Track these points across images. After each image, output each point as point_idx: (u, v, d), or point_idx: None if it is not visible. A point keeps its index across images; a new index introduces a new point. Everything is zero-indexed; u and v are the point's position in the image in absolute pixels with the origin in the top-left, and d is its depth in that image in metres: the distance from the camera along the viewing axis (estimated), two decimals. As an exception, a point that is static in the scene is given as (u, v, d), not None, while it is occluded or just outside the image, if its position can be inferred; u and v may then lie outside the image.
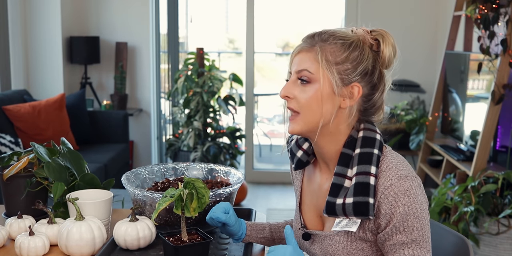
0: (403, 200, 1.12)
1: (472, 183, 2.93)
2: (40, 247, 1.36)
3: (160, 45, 4.94)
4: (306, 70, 1.17)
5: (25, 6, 4.43)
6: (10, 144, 3.36)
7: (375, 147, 1.19)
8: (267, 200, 4.58)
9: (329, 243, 1.23)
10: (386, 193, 1.13)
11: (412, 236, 1.14)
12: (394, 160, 1.18)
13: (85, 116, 4.35)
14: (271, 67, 8.55)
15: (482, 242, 2.88)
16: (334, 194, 1.18)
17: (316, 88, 1.17)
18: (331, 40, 1.18)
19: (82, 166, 1.59)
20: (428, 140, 4.11)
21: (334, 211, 1.17)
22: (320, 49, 1.17)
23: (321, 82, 1.17)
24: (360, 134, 1.21)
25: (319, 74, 1.17)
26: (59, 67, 4.51)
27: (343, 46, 1.17)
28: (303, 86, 1.18)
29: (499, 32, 3.07)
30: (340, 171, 1.19)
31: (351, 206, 1.14)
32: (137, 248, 1.38)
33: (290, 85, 1.20)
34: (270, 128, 7.49)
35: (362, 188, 1.14)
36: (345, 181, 1.18)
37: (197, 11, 7.23)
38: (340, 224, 1.20)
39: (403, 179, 1.14)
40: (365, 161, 1.16)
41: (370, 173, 1.15)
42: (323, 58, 1.16)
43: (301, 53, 1.20)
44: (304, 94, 1.18)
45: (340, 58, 1.17)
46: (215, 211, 1.35)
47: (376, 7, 4.66)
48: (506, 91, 3.02)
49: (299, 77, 1.19)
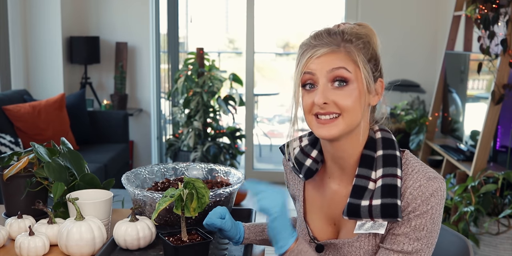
0: (430, 200, 1.12)
1: (472, 183, 2.93)
2: (40, 247, 1.36)
3: (160, 45, 4.94)
4: (343, 67, 1.13)
5: (25, 6, 4.43)
6: (10, 144, 3.36)
7: (396, 149, 1.19)
8: (267, 200, 4.57)
9: (349, 250, 1.20)
10: (415, 193, 1.13)
11: (419, 234, 1.13)
12: (418, 163, 1.18)
13: (85, 116, 4.35)
14: (271, 67, 8.55)
15: (482, 242, 2.88)
16: (358, 196, 1.16)
17: (355, 88, 1.14)
18: (354, 40, 1.15)
19: (82, 166, 1.59)
20: (428, 140, 4.11)
21: (357, 213, 1.15)
22: (351, 49, 1.14)
23: (362, 81, 1.14)
24: (378, 135, 1.21)
25: (356, 74, 1.14)
26: (59, 67, 4.51)
27: (365, 45, 1.16)
28: (339, 88, 1.14)
29: (499, 32, 3.07)
30: (363, 173, 1.17)
31: (379, 208, 1.12)
32: (137, 248, 1.38)
33: (325, 90, 1.13)
34: (270, 128, 7.49)
35: (390, 190, 1.13)
36: (369, 183, 1.16)
37: (197, 11, 7.23)
38: (364, 227, 1.17)
39: (432, 180, 1.14)
40: (391, 164, 1.16)
41: (397, 175, 1.14)
42: (360, 58, 1.14)
43: (326, 55, 1.14)
44: (344, 96, 1.14)
45: (367, 57, 1.16)
46: (211, 217, 1.33)
47: (376, 7, 4.66)
48: (506, 91, 3.02)
49: (334, 79, 1.14)
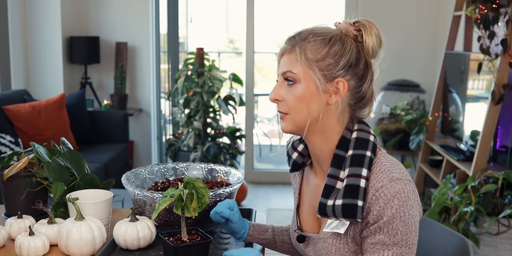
0: (392, 202, 1.12)
1: (472, 183, 2.93)
2: (40, 247, 1.36)
3: (160, 45, 4.94)
4: (289, 71, 1.19)
5: (25, 6, 4.43)
6: (10, 144, 3.36)
7: (368, 149, 1.18)
8: (267, 200, 4.58)
9: (323, 245, 1.23)
10: (377, 194, 1.13)
11: (394, 239, 1.12)
12: (387, 163, 1.17)
13: (85, 116, 4.35)
14: (271, 67, 8.55)
15: (482, 242, 2.88)
16: (326, 195, 1.18)
17: (301, 88, 1.18)
18: (310, 37, 1.18)
19: (82, 166, 1.59)
20: (428, 140, 4.11)
21: (325, 212, 1.17)
22: (299, 49, 1.18)
23: (304, 81, 1.18)
24: (354, 135, 1.20)
25: (305, 73, 1.17)
26: (59, 67, 4.51)
27: (323, 42, 1.17)
28: (289, 87, 1.20)
29: (499, 32, 3.07)
30: (332, 172, 1.19)
31: (340, 208, 1.14)
32: (137, 248, 1.38)
33: (278, 88, 1.22)
34: (270, 128, 7.48)
35: (352, 190, 1.14)
36: (337, 182, 1.18)
37: (197, 11, 7.23)
38: (330, 225, 1.20)
39: (394, 181, 1.13)
40: (357, 163, 1.16)
41: (361, 176, 1.14)
42: (302, 57, 1.17)
43: (284, 55, 1.21)
44: (291, 95, 1.19)
45: (320, 54, 1.17)
46: (220, 206, 1.35)
47: (376, 7, 4.66)
48: (506, 91, 3.02)
49: (285, 78, 1.21)
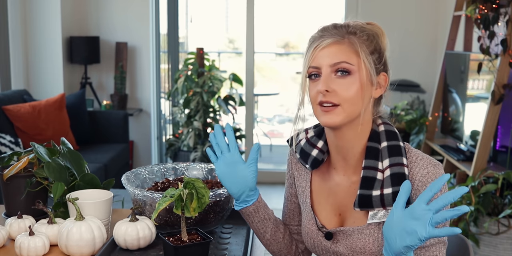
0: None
1: (472, 183, 2.93)
2: (40, 247, 1.36)
3: (160, 45, 4.94)
4: (345, 62, 1.17)
5: (25, 6, 4.43)
6: (10, 144, 3.36)
7: (399, 140, 1.23)
8: (267, 200, 4.56)
9: (358, 237, 1.22)
10: (424, 180, 1.18)
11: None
12: (419, 152, 1.23)
13: (85, 116, 4.35)
14: (271, 67, 8.55)
15: (482, 242, 2.88)
16: (368, 187, 1.19)
17: (357, 79, 1.18)
18: (358, 32, 1.20)
19: (82, 166, 1.59)
20: (428, 140, 4.11)
21: (369, 203, 1.19)
22: (358, 40, 1.19)
23: (363, 72, 1.18)
24: (381, 128, 1.25)
25: (358, 65, 1.18)
26: (59, 67, 4.51)
27: (369, 37, 1.21)
28: (341, 78, 1.18)
29: (499, 32, 3.07)
30: (370, 164, 1.21)
31: (390, 196, 1.17)
32: (137, 248, 1.38)
33: (327, 79, 1.18)
34: (270, 128, 7.49)
35: (399, 178, 1.17)
36: (377, 173, 1.20)
37: (197, 11, 7.23)
38: (377, 216, 1.20)
39: (437, 166, 1.19)
40: (396, 153, 1.20)
41: (404, 164, 1.19)
42: (362, 49, 1.18)
43: (331, 46, 1.18)
44: (345, 86, 1.17)
45: (370, 49, 1.20)
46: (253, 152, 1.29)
47: (376, 7, 4.66)
48: (506, 91, 3.02)
49: (337, 70, 1.18)
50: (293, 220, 1.42)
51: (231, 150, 1.30)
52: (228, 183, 1.29)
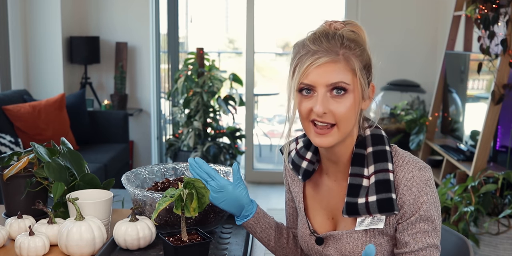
0: (426, 190, 1.16)
1: (472, 183, 2.93)
2: (40, 247, 1.36)
3: (160, 45, 4.94)
4: (343, 82, 1.13)
5: (25, 6, 4.43)
6: (10, 144, 3.36)
7: (385, 144, 1.21)
8: (267, 200, 4.59)
9: (347, 241, 1.23)
10: (409, 184, 1.16)
11: (433, 225, 1.17)
12: (406, 154, 1.21)
13: (85, 116, 4.35)
14: (271, 67, 8.55)
15: (482, 242, 2.88)
16: (354, 194, 1.18)
17: (352, 97, 1.14)
18: (353, 46, 1.14)
19: (82, 166, 1.59)
20: (428, 140, 4.11)
21: (356, 210, 1.18)
22: (349, 58, 1.13)
23: (358, 90, 1.15)
24: (367, 132, 1.22)
25: (353, 84, 1.14)
26: (59, 67, 4.51)
27: (361, 50, 1.16)
28: (338, 97, 1.14)
29: (499, 32, 3.07)
30: (356, 171, 1.20)
31: (375, 204, 1.16)
32: (137, 248, 1.38)
33: (324, 100, 1.13)
34: (270, 128, 7.49)
35: (383, 185, 1.16)
36: (363, 180, 1.19)
37: (197, 11, 7.23)
38: (364, 223, 1.20)
39: (422, 170, 1.17)
40: (381, 159, 1.18)
41: (388, 170, 1.17)
42: (357, 66, 1.14)
43: (327, 65, 1.12)
44: (341, 106, 1.14)
45: (363, 63, 1.16)
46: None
47: (376, 7, 4.66)
48: (506, 91, 3.02)
49: (333, 89, 1.13)
50: (294, 223, 1.43)
51: (213, 177, 1.30)
52: (225, 206, 1.31)
